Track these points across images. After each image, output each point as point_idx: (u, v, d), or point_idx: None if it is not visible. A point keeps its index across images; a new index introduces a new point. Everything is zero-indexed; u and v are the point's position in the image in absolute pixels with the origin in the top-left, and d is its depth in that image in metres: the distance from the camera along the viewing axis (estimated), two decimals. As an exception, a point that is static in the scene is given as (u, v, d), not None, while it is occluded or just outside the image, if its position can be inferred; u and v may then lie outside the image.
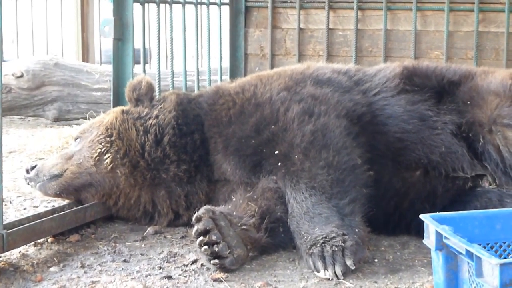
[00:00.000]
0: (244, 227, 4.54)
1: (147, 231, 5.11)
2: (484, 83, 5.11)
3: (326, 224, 4.46)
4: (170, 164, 5.09)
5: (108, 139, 5.11)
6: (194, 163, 5.13)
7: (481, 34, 6.95)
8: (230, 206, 4.80)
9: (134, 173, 5.08)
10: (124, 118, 5.16)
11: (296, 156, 4.69)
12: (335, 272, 4.25)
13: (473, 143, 4.94)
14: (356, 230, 4.48)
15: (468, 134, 4.96)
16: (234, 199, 4.91)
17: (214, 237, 4.32)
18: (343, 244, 4.33)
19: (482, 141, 4.91)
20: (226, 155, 5.01)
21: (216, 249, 4.31)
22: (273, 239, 4.72)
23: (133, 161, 5.08)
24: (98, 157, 5.09)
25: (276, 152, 4.77)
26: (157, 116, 5.16)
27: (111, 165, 5.07)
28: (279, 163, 4.75)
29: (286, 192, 4.71)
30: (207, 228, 4.32)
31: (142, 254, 4.69)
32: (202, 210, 4.40)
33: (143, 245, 4.88)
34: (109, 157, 5.07)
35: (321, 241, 4.36)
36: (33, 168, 5.32)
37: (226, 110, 5.10)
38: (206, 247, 4.30)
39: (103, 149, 5.09)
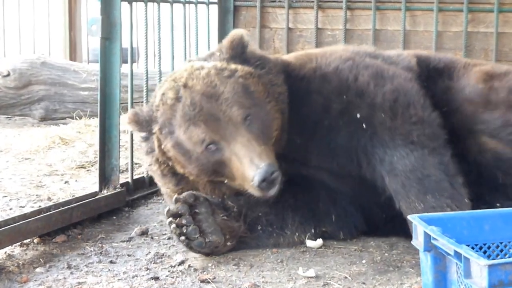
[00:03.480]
0: (225, 217, 4.63)
1: (134, 231, 5.09)
2: (459, 87, 5.08)
3: (439, 192, 4.49)
4: None
5: None
6: None
7: (470, 34, 6.93)
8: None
9: None
10: None
11: (382, 115, 4.65)
12: None
13: (452, 149, 4.84)
14: (466, 200, 4.53)
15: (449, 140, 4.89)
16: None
17: (184, 221, 4.48)
18: None
19: (460, 146, 4.85)
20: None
21: (185, 231, 4.48)
22: (252, 233, 4.77)
23: None
24: None
25: (358, 115, 4.70)
26: None
27: None
28: (364, 125, 4.68)
29: (376, 154, 4.65)
30: (179, 212, 4.49)
31: (129, 255, 4.67)
32: (185, 194, 4.55)
33: (129, 246, 4.85)
34: None
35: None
36: None
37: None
38: (174, 225, 4.46)
39: None
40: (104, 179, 5.55)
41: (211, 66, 4.67)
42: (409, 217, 3.65)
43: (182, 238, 4.50)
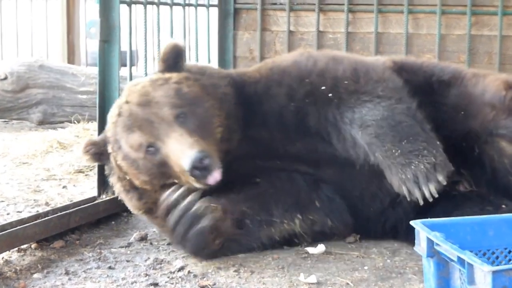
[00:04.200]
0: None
1: (132, 237, 5.05)
2: (477, 92, 5.09)
3: (413, 136, 4.55)
4: None
5: None
6: None
7: (474, 38, 6.88)
8: None
9: None
10: None
11: (345, 82, 4.78)
12: (429, 191, 4.41)
13: (466, 152, 4.90)
14: (437, 142, 4.59)
15: (462, 144, 4.92)
16: None
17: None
18: (434, 160, 4.42)
19: (477, 151, 4.89)
20: None
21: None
22: (242, 229, 4.75)
23: None
24: None
25: (322, 88, 4.80)
26: None
27: None
28: (329, 95, 4.78)
29: (345, 118, 4.74)
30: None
31: (127, 261, 4.62)
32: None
33: (128, 252, 4.80)
34: None
35: (414, 160, 4.45)
36: None
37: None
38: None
39: None
40: (103, 183, 5.49)
41: (147, 79, 4.88)
42: (412, 222, 3.62)
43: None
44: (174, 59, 4.88)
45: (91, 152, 4.84)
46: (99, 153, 4.84)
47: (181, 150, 4.47)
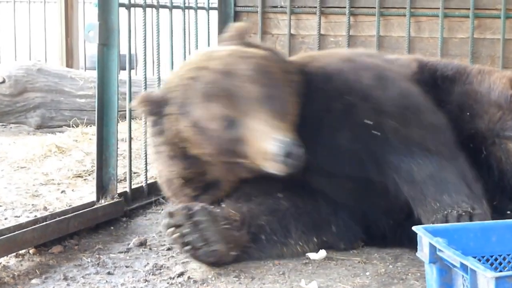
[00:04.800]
0: (227, 226, 4.48)
1: (132, 242, 4.99)
2: (483, 91, 5.05)
3: (456, 191, 4.45)
4: None
5: None
6: None
7: (477, 41, 6.86)
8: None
9: None
10: None
11: (393, 122, 4.61)
12: None
13: (473, 154, 4.83)
14: (484, 201, 4.49)
15: (469, 145, 4.86)
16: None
17: (186, 230, 4.34)
18: (471, 211, 4.32)
19: (485, 152, 4.86)
20: None
21: (188, 240, 4.34)
22: (256, 243, 4.65)
23: None
24: None
25: (365, 121, 4.64)
26: None
27: None
28: (373, 131, 4.62)
29: (390, 161, 4.58)
30: (178, 223, 4.35)
31: (127, 266, 4.57)
32: (180, 205, 4.47)
33: (128, 257, 4.75)
34: None
35: (449, 209, 4.36)
36: None
37: None
38: (177, 235, 4.34)
39: None
40: (102, 188, 5.45)
41: (227, 48, 4.71)
42: (414, 228, 3.58)
43: (187, 248, 4.36)
44: (246, 37, 4.83)
45: (148, 107, 4.65)
46: (155, 111, 4.67)
47: (268, 134, 4.31)
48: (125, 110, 5.80)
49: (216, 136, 4.47)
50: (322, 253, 4.74)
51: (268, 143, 4.29)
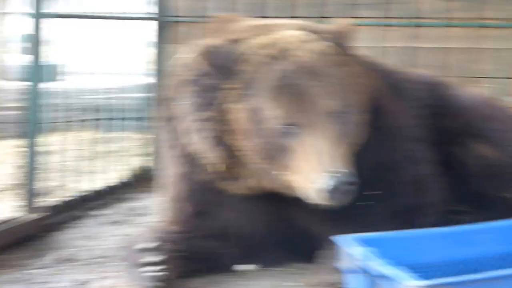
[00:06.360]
0: None
1: (51, 257, 4.81)
2: (463, 95, 5.17)
3: None
4: None
5: None
6: None
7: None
8: None
9: None
10: None
11: None
12: None
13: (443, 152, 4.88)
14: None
15: (440, 143, 4.89)
16: None
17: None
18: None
19: (450, 151, 4.90)
20: None
21: None
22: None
23: None
24: None
25: None
26: None
27: None
28: None
29: None
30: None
31: (45, 282, 4.38)
32: None
33: (47, 273, 4.55)
34: None
35: None
36: None
37: None
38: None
39: None
40: (25, 202, 5.31)
41: (321, 43, 4.16)
42: (338, 237, 3.54)
43: None
44: (346, 42, 4.25)
45: (214, 61, 4.09)
46: (218, 64, 4.09)
47: (328, 157, 3.85)
48: (57, 122, 5.67)
49: (269, 134, 3.99)
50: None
51: (319, 174, 3.84)
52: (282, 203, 4.38)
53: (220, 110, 4.10)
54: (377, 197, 4.31)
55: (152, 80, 7.03)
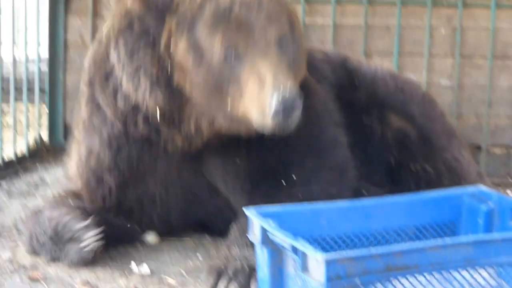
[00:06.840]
0: None
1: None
2: (372, 68, 5.28)
3: None
4: None
5: None
6: None
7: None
8: None
9: None
10: None
11: None
12: None
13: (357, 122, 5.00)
14: None
15: (355, 113, 4.99)
16: None
17: None
18: None
19: (367, 123, 5.04)
20: None
21: None
22: None
23: None
24: None
25: None
26: None
27: None
28: None
29: None
30: None
31: None
32: None
33: None
34: None
35: None
36: None
37: None
38: None
39: None
40: None
41: None
42: (245, 209, 3.56)
43: None
44: None
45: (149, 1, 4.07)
46: (151, 9, 4.09)
47: (273, 80, 3.83)
48: None
49: (213, 67, 3.97)
50: (155, 237, 4.69)
51: (268, 89, 3.85)
52: (208, 171, 4.53)
53: (160, 50, 4.07)
54: (298, 181, 4.46)
55: (47, 51, 6.98)
